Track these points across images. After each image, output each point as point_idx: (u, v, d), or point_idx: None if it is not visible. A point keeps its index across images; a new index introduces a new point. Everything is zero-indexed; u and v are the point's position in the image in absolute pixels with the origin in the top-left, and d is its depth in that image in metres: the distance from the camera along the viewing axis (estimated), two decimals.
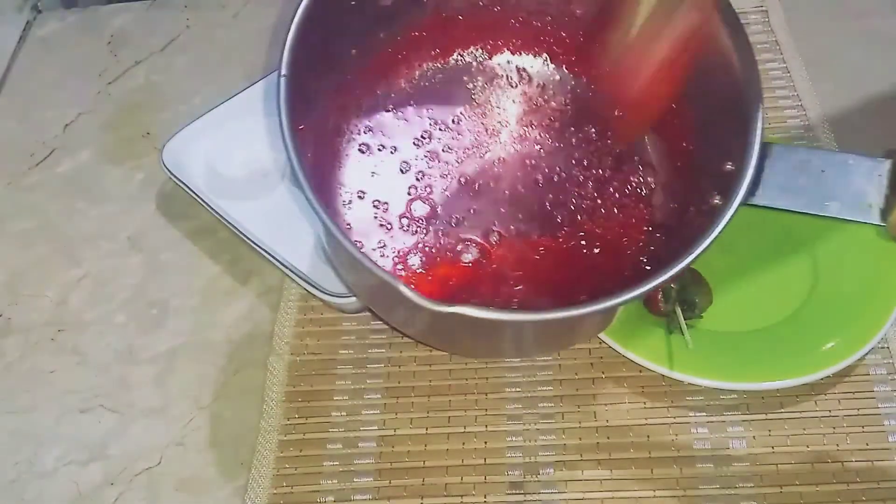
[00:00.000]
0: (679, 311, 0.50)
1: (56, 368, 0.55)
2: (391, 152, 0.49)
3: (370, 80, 0.49)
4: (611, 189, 0.48)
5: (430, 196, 0.48)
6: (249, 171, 0.61)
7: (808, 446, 0.47)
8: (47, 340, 0.57)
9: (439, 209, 0.48)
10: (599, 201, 0.48)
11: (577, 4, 0.47)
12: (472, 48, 0.50)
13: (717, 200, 0.38)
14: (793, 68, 0.65)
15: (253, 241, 0.54)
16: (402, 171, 0.49)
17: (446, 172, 0.49)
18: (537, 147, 0.49)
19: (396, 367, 0.53)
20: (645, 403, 0.50)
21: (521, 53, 0.50)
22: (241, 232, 0.55)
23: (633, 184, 0.48)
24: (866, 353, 0.49)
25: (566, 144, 0.49)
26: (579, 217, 0.47)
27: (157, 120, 0.68)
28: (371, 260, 0.37)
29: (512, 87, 0.50)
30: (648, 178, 0.48)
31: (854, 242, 0.53)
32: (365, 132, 0.49)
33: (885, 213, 0.34)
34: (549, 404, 0.50)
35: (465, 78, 0.51)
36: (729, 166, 0.38)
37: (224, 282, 0.58)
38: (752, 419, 0.49)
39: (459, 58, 0.51)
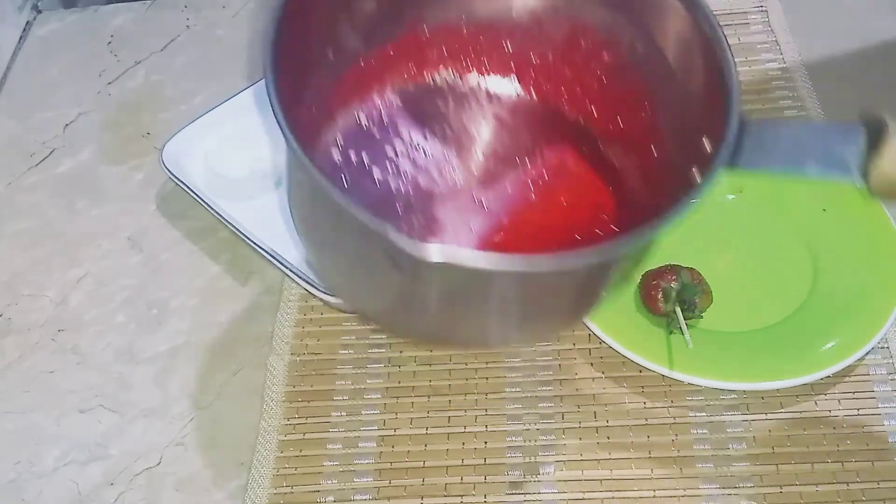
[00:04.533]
0: (679, 311, 0.50)
1: (56, 368, 0.55)
2: (364, 166, 0.49)
3: (344, 93, 0.48)
4: (579, 183, 0.48)
5: (405, 195, 0.47)
6: (249, 171, 0.61)
7: (808, 446, 0.47)
8: (47, 340, 0.57)
9: (415, 205, 0.47)
10: (566, 199, 0.48)
11: (548, 25, 0.48)
12: (443, 69, 0.50)
13: (696, 177, 0.38)
14: (792, 68, 0.65)
15: (253, 241, 0.54)
16: (375, 181, 0.48)
17: (421, 182, 0.48)
18: (507, 157, 0.49)
19: (396, 367, 0.53)
20: (645, 403, 0.50)
21: (491, 75, 0.51)
22: (241, 232, 0.55)
23: (604, 174, 0.48)
24: (866, 354, 0.49)
25: (533, 153, 0.49)
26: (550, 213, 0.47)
27: (157, 120, 0.69)
28: (349, 200, 0.34)
29: (482, 107, 0.51)
30: (620, 166, 0.47)
31: (854, 242, 0.53)
32: (336, 146, 0.49)
33: (864, 172, 0.34)
34: (549, 404, 0.50)
35: (438, 100, 0.51)
36: (706, 144, 0.38)
37: (224, 282, 0.58)
38: (752, 419, 0.49)
39: (431, 79, 0.50)
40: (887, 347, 0.51)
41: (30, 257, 0.61)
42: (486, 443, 0.49)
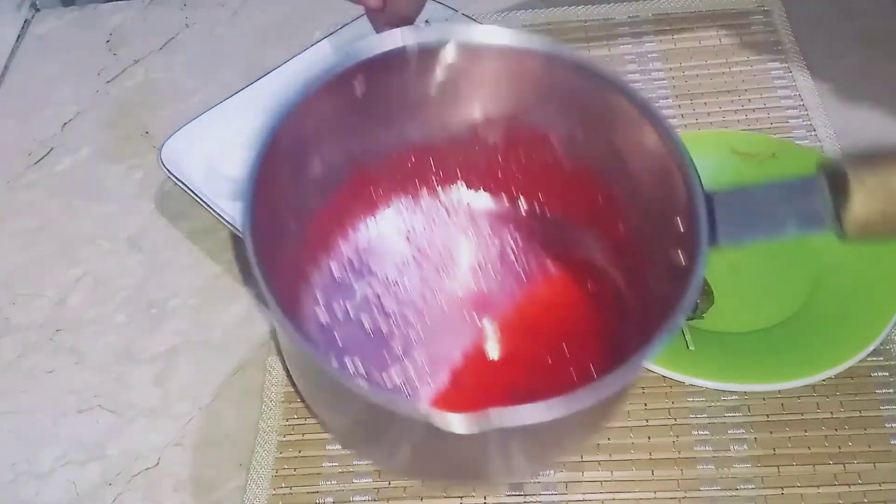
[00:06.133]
0: None
1: (54, 368, 0.55)
2: (347, 317, 0.48)
3: (312, 250, 0.48)
4: (570, 293, 0.48)
5: (399, 336, 0.47)
6: None
7: (809, 448, 0.47)
8: (46, 340, 0.56)
9: (411, 351, 0.46)
10: (561, 310, 0.48)
11: (487, 132, 0.47)
12: (400, 196, 0.50)
13: (682, 262, 0.38)
14: (794, 68, 0.65)
15: None
16: (365, 330, 0.47)
17: (410, 317, 0.48)
18: (488, 271, 0.49)
19: None
20: (645, 404, 0.50)
21: (444, 189, 0.50)
22: (241, 232, 0.55)
23: (593, 281, 0.47)
24: (868, 355, 0.49)
25: (509, 262, 0.49)
26: (546, 333, 0.47)
27: (156, 119, 0.68)
28: (374, 389, 0.35)
29: (444, 224, 0.50)
30: (606, 272, 0.47)
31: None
32: (318, 305, 0.47)
33: (837, 219, 0.36)
34: None
35: (400, 226, 0.50)
36: (680, 227, 0.38)
37: (224, 282, 0.58)
38: (754, 421, 0.49)
39: (387, 209, 0.50)
40: (889, 349, 0.50)
41: (29, 257, 0.61)
42: None
